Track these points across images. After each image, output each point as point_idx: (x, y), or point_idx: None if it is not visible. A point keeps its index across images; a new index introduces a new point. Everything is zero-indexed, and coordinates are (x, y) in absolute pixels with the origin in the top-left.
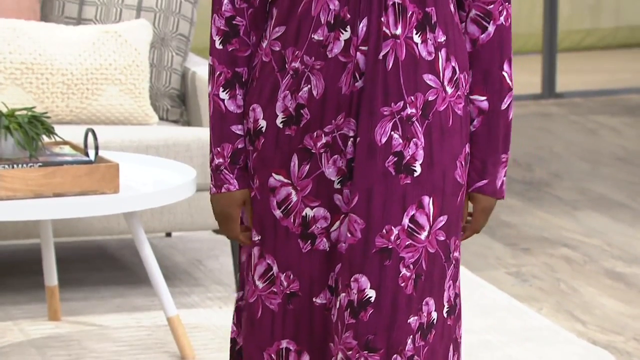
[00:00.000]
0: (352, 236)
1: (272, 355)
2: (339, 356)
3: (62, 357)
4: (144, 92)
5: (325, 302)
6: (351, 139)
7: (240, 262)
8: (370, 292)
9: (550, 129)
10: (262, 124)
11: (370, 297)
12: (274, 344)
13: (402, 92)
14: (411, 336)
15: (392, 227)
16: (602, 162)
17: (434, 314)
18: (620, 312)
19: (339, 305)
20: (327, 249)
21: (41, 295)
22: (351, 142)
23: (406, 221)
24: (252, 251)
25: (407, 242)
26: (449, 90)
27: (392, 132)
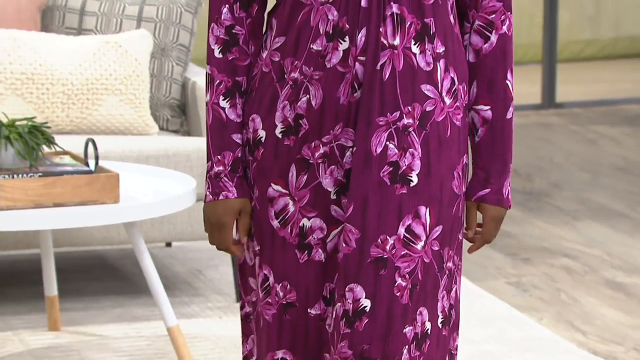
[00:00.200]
0: (346, 246)
1: None
2: None
3: None
4: (144, 102)
5: (319, 312)
6: (349, 150)
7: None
8: (365, 302)
9: (550, 139)
10: (262, 134)
11: (365, 306)
12: (268, 355)
13: (398, 102)
14: (407, 346)
15: (388, 237)
16: (602, 172)
17: (428, 324)
18: (620, 322)
19: (334, 315)
20: (323, 260)
21: (41, 305)
22: (349, 153)
23: (402, 231)
24: (255, 261)
25: (402, 252)
26: (448, 101)
27: (387, 142)
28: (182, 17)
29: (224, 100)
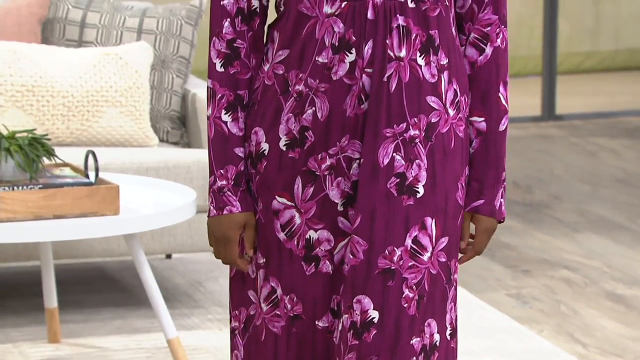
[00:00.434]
0: (354, 257)
1: None
2: None
3: None
4: (145, 114)
5: (327, 325)
6: (356, 161)
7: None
8: (373, 313)
9: (550, 151)
10: (265, 147)
11: (373, 318)
12: None
13: (404, 114)
14: (414, 357)
15: (395, 248)
16: (602, 184)
17: (437, 336)
18: (620, 334)
19: (341, 327)
20: (330, 272)
21: (41, 317)
22: (356, 164)
23: (409, 242)
24: (257, 274)
25: (410, 263)
26: (451, 112)
27: (394, 154)
28: (183, 29)
29: (226, 114)
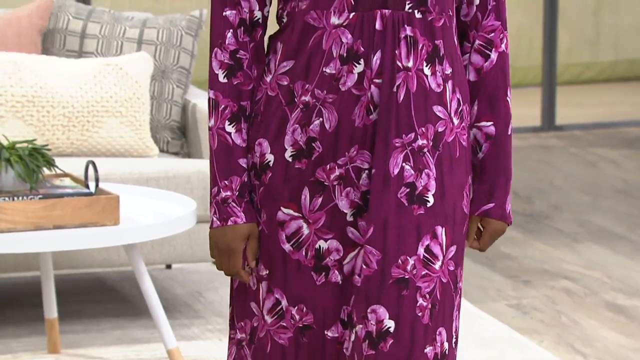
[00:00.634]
0: (367, 268)
1: None
2: None
3: None
4: (145, 124)
5: (337, 335)
6: (365, 171)
7: (231, 297)
8: (389, 323)
9: (550, 162)
10: (270, 158)
11: (389, 327)
12: None
13: (413, 124)
14: None
15: (408, 258)
16: (602, 195)
17: (446, 345)
18: (621, 344)
19: (354, 337)
20: (340, 282)
21: (41, 328)
22: (365, 175)
23: (421, 251)
24: (259, 286)
25: (423, 272)
26: (456, 121)
27: (403, 164)
28: (183, 39)
29: (229, 125)
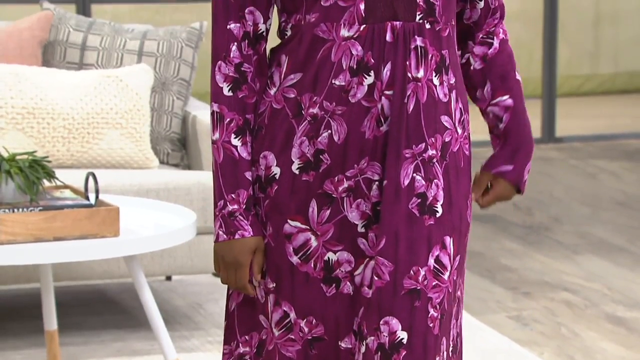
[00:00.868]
0: (379, 279)
1: None
2: None
3: None
4: (145, 136)
5: (350, 346)
6: (376, 183)
7: (228, 312)
8: (402, 334)
9: (550, 173)
10: (276, 170)
11: (402, 338)
12: None
13: (423, 134)
14: None
15: (419, 268)
16: (602, 207)
17: (445, 354)
18: (621, 356)
19: (365, 349)
20: (352, 293)
21: (41, 339)
22: (376, 186)
23: (432, 262)
24: (267, 298)
25: (433, 283)
26: (459, 131)
27: (414, 174)
28: (183, 51)
29: (235, 138)
